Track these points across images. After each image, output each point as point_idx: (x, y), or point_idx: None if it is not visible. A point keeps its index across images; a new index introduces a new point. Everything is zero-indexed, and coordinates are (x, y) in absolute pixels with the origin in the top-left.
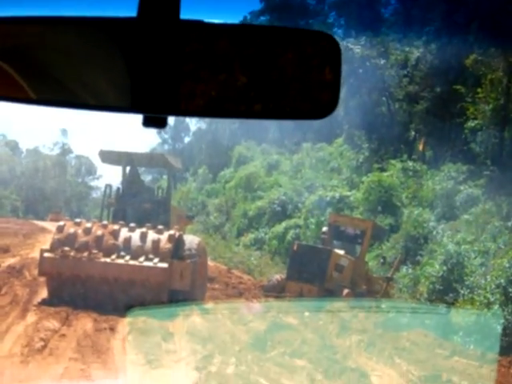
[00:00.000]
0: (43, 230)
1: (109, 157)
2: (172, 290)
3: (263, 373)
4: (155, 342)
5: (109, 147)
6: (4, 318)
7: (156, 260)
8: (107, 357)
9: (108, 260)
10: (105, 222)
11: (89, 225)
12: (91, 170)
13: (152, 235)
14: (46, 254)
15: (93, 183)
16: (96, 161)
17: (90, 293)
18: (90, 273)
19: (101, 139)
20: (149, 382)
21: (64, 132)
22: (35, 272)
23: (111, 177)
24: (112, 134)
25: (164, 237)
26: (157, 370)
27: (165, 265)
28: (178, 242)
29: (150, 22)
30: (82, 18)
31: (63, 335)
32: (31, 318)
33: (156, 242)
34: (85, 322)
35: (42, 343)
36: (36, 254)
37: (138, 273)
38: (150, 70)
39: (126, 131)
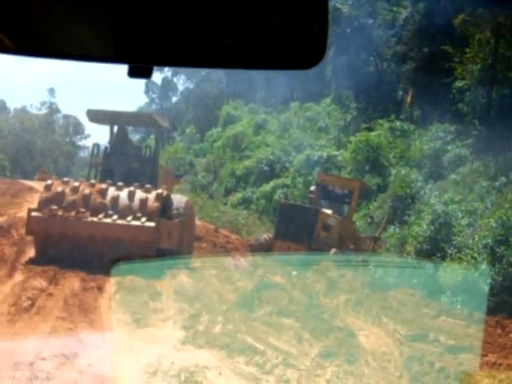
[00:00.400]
0: (31, 189)
1: (96, 116)
2: (159, 249)
3: (250, 332)
4: (142, 301)
5: (96, 106)
6: None
7: (144, 219)
8: (94, 315)
9: (95, 219)
10: (92, 181)
11: (76, 184)
12: (79, 130)
13: (140, 194)
14: (34, 214)
15: (80, 143)
16: (84, 120)
17: (77, 252)
18: (78, 232)
19: (88, 98)
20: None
21: (51, 91)
22: (23, 231)
23: (99, 136)
24: (99, 93)
25: (152, 196)
26: (144, 329)
27: (152, 224)
28: (165, 201)
29: None
30: None
31: (50, 294)
32: (18, 277)
33: (144, 201)
34: (72, 281)
35: (30, 302)
36: (23, 214)
37: (126, 232)
38: (135, 20)
39: (114, 90)
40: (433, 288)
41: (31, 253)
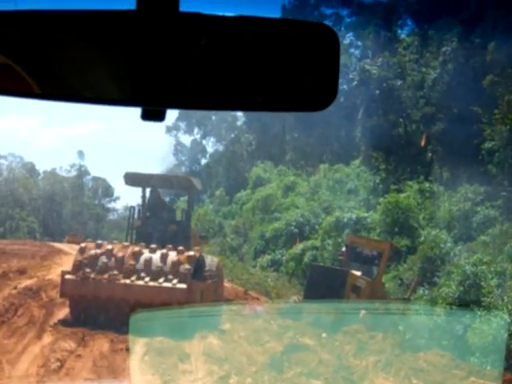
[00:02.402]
0: (60, 251)
1: (134, 179)
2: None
3: None
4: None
5: (125, 169)
6: (21, 338)
7: (175, 281)
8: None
9: (128, 281)
10: (126, 243)
11: (110, 246)
12: (108, 192)
13: (172, 256)
14: (68, 276)
15: (109, 205)
16: (113, 182)
17: (110, 314)
18: (110, 294)
19: (117, 161)
20: None
21: (81, 154)
22: (52, 293)
23: (128, 198)
24: (128, 155)
25: (184, 257)
26: None
27: (184, 285)
28: (197, 263)
29: (149, 14)
30: (82, 10)
31: (79, 355)
32: (47, 338)
33: (176, 263)
34: (101, 343)
35: (59, 363)
36: (52, 276)
37: (158, 294)
38: (149, 63)
39: (142, 152)
40: (463, 349)
41: (60, 315)
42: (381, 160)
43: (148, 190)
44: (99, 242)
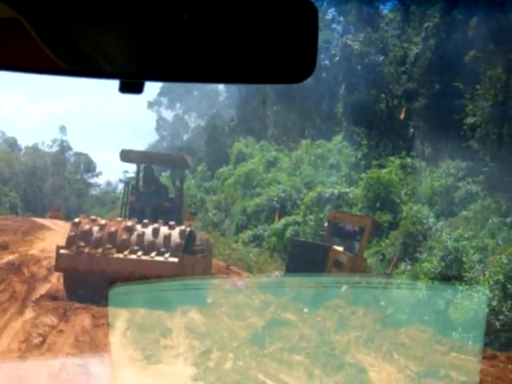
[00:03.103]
0: (42, 226)
1: (129, 156)
2: None
3: (261, 368)
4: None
5: (108, 144)
6: (2, 314)
7: (167, 255)
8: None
9: (121, 255)
10: (119, 219)
11: (103, 221)
12: (90, 167)
13: (164, 230)
14: (62, 251)
15: (91, 180)
16: (94, 157)
17: (103, 287)
18: (104, 268)
19: (100, 136)
20: None
21: (63, 129)
22: (33, 269)
23: (111, 173)
24: (110, 130)
25: (175, 232)
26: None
27: (175, 259)
28: (189, 238)
29: None
30: None
31: (61, 331)
32: (29, 314)
33: (167, 237)
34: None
35: (41, 339)
36: (34, 251)
37: (150, 267)
38: (128, 35)
39: (124, 128)
40: (444, 324)
41: (42, 290)
42: (363, 135)
43: (142, 167)
44: (93, 217)
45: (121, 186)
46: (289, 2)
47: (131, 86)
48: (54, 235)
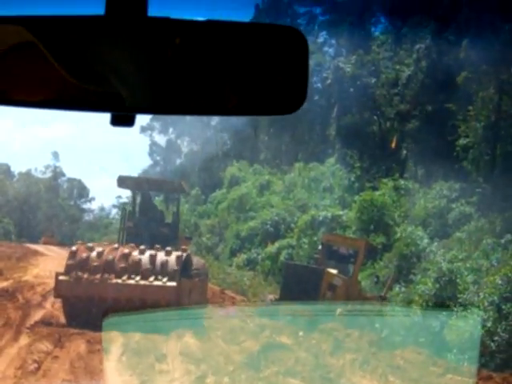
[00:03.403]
0: (36, 252)
1: (126, 182)
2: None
3: None
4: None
5: (101, 170)
6: None
7: (165, 279)
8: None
9: (119, 281)
10: (115, 245)
11: (101, 248)
12: (83, 193)
13: (161, 256)
14: (61, 277)
15: (85, 206)
16: (88, 183)
17: (102, 313)
18: (103, 294)
19: (93, 161)
20: None
21: (55, 155)
22: (28, 295)
23: (104, 199)
24: (103, 156)
25: (172, 257)
26: None
27: (174, 283)
28: (185, 262)
29: (118, 19)
30: (50, 16)
31: (56, 357)
32: (24, 340)
33: (164, 263)
34: (78, 343)
35: (36, 365)
36: (28, 277)
37: (149, 292)
38: (117, 68)
39: (118, 153)
40: (439, 346)
41: (36, 316)
42: (356, 158)
43: (139, 193)
44: (90, 244)
45: (114, 212)
46: (279, 31)
47: (122, 118)
48: (47, 261)
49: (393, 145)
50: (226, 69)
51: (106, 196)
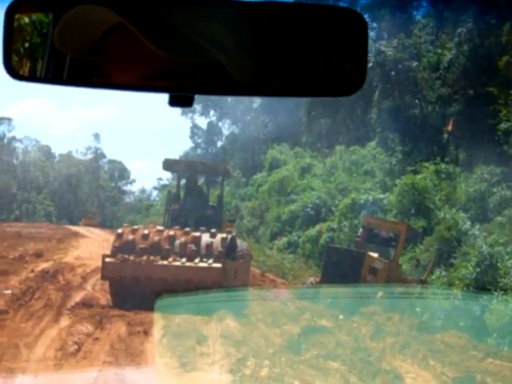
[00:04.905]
0: (76, 234)
1: (172, 165)
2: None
3: (297, 375)
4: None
5: (142, 152)
6: (38, 321)
7: (210, 261)
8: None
9: (165, 262)
10: (160, 228)
11: (146, 231)
12: (124, 175)
13: (206, 238)
14: (108, 259)
15: (126, 187)
16: (128, 165)
17: (149, 294)
18: (150, 275)
19: (133, 144)
20: None
21: (97, 136)
22: (68, 276)
23: (145, 181)
24: (144, 138)
25: (217, 239)
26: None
27: (219, 265)
28: (230, 244)
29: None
30: None
31: (97, 338)
32: (64, 322)
33: (209, 245)
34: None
35: (76, 347)
36: (69, 259)
37: (195, 273)
38: (178, 39)
39: (158, 135)
40: (480, 330)
41: (77, 298)
42: (397, 141)
43: (185, 176)
44: (135, 227)
45: (155, 194)
46: (338, 13)
47: (181, 99)
48: (88, 243)
49: (449, 128)
50: (286, 50)
51: (146, 178)
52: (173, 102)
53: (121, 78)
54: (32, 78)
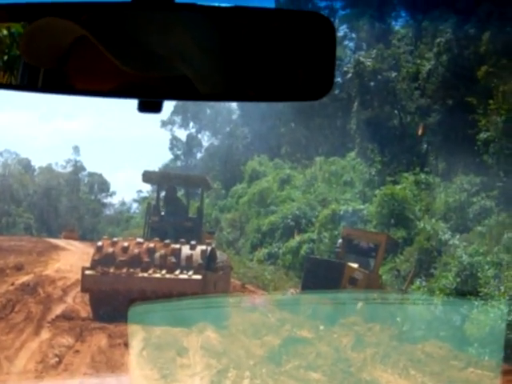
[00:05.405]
0: (56, 247)
1: (151, 177)
2: None
3: None
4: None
5: (122, 164)
6: (19, 334)
7: (190, 272)
8: None
9: (146, 275)
10: (140, 240)
11: (126, 243)
12: (104, 188)
13: (186, 250)
14: (88, 272)
15: (106, 200)
16: (108, 177)
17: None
18: (130, 287)
19: (112, 156)
20: None
21: (76, 149)
22: (48, 289)
23: (125, 194)
24: (124, 150)
25: (197, 251)
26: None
27: (199, 276)
28: (210, 256)
29: (145, 5)
30: (78, 2)
31: (77, 351)
32: (45, 334)
33: (189, 257)
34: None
35: (57, 359)
36: (49, 272)
37: (175, 285)
38: (144, 54)
39: (138, 147)
40: (461, 340)
41: (58, 311)
42: (376, 152)
43: (164, 188)
44: (115, 239)
45: (135, 206)
46: (305, 17)
47: (149, 105)
48: (68, 255)
49: (419, 132)
50: (253, 54)
51: (126, 190)
52: (142, 108)
53: (88, 88)
54: (7, 85)
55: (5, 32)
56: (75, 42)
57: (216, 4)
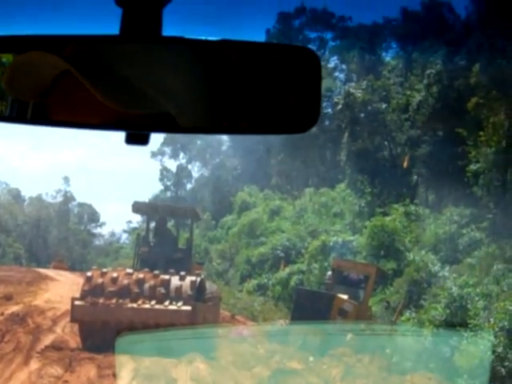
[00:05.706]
0: (46, 277)
1: (141, 208)
2: None
3: None
4: None
5: (112, 195)
6: (7, 365)
7: (180, 303)
8: None
9: (135, 305)
10: (130, 270)
11: (115, 274)
12: (93, 218)
13: (175, 281)
14: (77, 302)
15: (95, 230)
16: (98, 208)
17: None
18: (119, 318)
19: (102, 187)
20: None
21: (66, 179)
22: (38, 319)
23: (115, 224)
24: (114, 181)
25: (186, 282)
26: None
27: (188, 307)
28: (199, 287)
29: (132, 38)
30: (65, 36)
31: (66, 381)
32: (34, 364)
33: (179, 288)
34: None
35: None
36: (38, 302)
37: (164, 316)
38: (131, 87)
39: (128, 178)
40: (450, 371)
41: (47, 341)
42: (366, 183)
43: (154, 219)
44: (104, 270)
45: (124, 237)
46: (292, 51)
47: (137, 137)
48: (58, 286)
49: (405, 164)
50: (240, 87)
51: (116, 221)
52: (129, 140)
53: (74, 120)
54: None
55: None
56: (60, 75)
57: (203, 38)
